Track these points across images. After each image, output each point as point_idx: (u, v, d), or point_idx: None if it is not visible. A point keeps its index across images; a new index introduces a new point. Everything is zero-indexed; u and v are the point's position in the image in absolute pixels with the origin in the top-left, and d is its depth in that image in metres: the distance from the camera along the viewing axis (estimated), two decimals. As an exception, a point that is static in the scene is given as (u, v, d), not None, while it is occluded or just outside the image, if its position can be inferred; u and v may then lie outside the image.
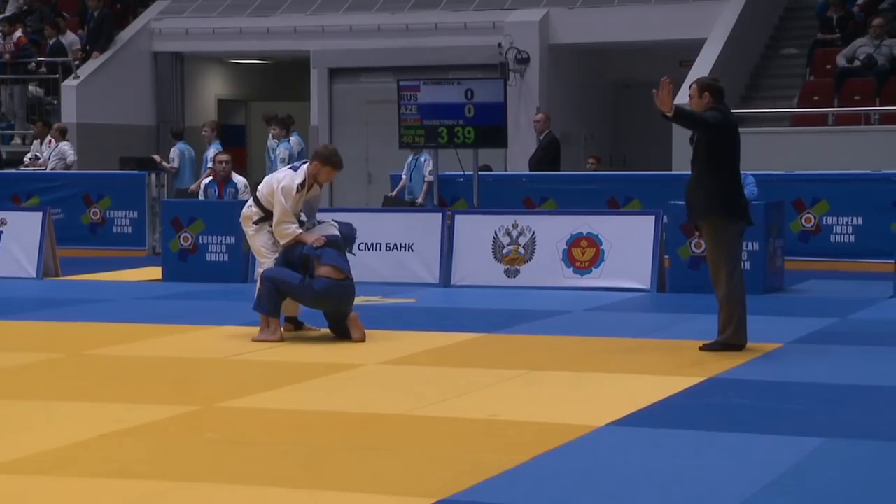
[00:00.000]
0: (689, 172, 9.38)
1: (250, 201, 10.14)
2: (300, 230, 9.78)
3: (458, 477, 5.91)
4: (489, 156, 17.51)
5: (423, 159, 16.31)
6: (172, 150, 18.51)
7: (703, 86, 9.48)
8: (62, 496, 5.73)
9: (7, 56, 21.75)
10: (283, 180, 9.78)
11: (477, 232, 13.44)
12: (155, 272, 14.50)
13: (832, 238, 14.81)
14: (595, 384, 8.22)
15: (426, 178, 16.17)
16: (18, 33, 22.02)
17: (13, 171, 19.13)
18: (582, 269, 13.09)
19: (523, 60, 20.21)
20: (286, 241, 9.80)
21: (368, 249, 13.66)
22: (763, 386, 8.11)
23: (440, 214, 13.81)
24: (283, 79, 24.29)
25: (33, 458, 6.31)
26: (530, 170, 17.16)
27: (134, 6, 23.81)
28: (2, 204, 16.81)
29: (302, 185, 9.76)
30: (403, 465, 6.24)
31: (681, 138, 18.09)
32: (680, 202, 12.90)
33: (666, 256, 13.00)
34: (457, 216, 13.74)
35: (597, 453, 6.43)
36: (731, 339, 9.25)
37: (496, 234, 13.38)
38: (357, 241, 13.66)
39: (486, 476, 5.91)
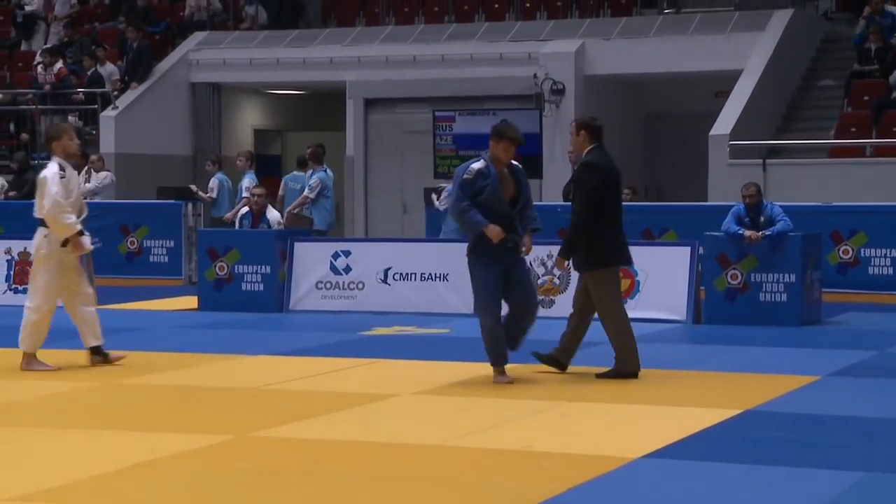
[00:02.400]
0: (722, 203, 9.52)
1: None
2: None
3: (491, 509, 5.88)
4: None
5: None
6: (212, 179, 18.61)
7: (580, 124, 9.77)
8: (96, 525, 5.73)
9: (48, 87, 21.96)
10: None
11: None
12: (191, 301, 14.55)
13: (870, 270, 14.69)
14: (630, 415, 8.17)
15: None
16: (59, 64, 22.24)
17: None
18: (617, 301, 13.00)
19: (559, 91, 20.22)
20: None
21: (403, 279, 13.67)
22: (801, 419, 8.04)
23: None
24: (318, 109, 24.40)
25: (67, 487, 6.32)
26: (564, 200, 17.13)
27: (172, 37, 24.01)
28: (40, 233, 16.90)
29: None
30: (437, 496, 6.21)
31: (717, 168, 18.07)
32: (717, 233, 12.92)
33: (702, 288, 12.93)
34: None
35: (632, 485, 6.38)
36: (626, 368, 9.48)
37: (531, 264, 13.34)
38: (392, 271, 13.78)
39: (521, 508, 5.87)
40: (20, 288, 14.67)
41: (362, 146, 21.77)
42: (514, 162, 9.32)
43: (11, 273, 14.76)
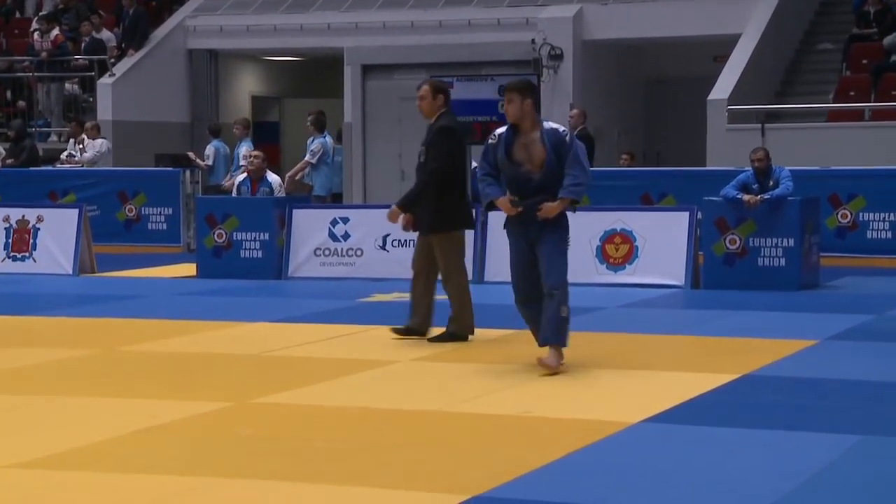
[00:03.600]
0: (720, 168, 9.49)
1: None
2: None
3: (491, 474, 5.91)
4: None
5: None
6: (208, 147, 18.57)
7: (437, 88, 9.76)
8: (96, 492, 5.76)
9: (44, 54, 21.89)
10: None
11: (510, 228, 13.39)
12: (189, 269, 14.56)
13: (868, 234, 14.70)
14: (629, 380, 8.20)
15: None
16: (56, 31, 22.16)
17: (49, 168, 19.25)
18: (616, 266, 13.05)
19: (557, 56, 20.16)
20: None
21: (402, 245, 13.67)
22: (799, 383, 8.07)
23: (474, 210, 13.76)
24: (316, 76, 24.34)
25: (68, 453, 6.35)
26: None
27: (169, 4, 23.91)
28: (39, 201, 16.93)
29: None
30: (436, 461, 6.24)
31: (715, 133, 18.05)
32: (716, 198, 12.92)
33: (700, 252, 12.95)
34: (490, 212, 13.68)
35: (631, 450, 6.41)
36: (459, 330, 9.55)
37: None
38: (391, 237, 13.78)
39: (520, 473, 5.90)
40: (18, 255, 14.68)
41: (360, 113, 21.71)
42: (555, 125, 8.51)
43: (10, 241, 14.76)
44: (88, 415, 7.24)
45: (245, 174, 14.83)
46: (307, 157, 16.77)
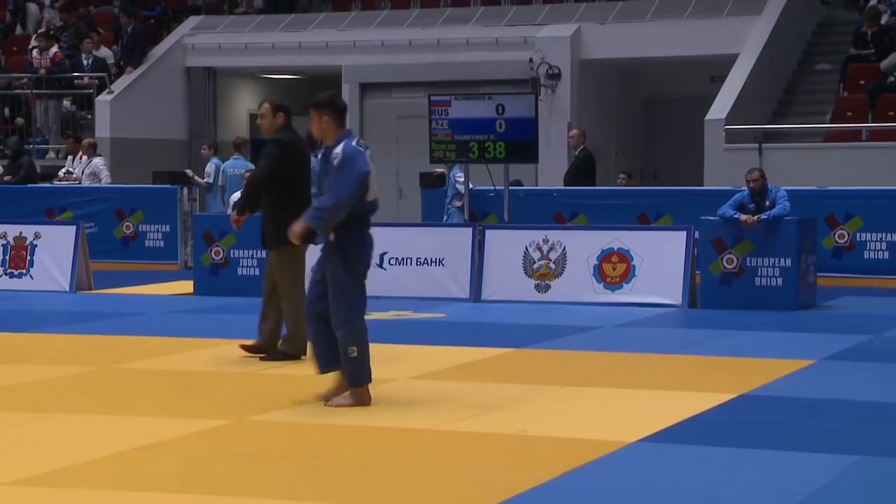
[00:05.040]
0: (717, 188, 9.45)
1: None
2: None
3: (488, 493, 5.90)
4: (520, 171, 17.49)
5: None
6: (208, 164, 18.59)
7: (277, 107, 9.74)
8: (93, 509, 5.75)
9: (43, 71, 21.92)
10: None
11: (507, 247, 13.43)
12: (186, 286, 14.55)
13: (865, 254, 14.71)
14: (626, 400, 8.19)
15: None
16: (55, 49, 22.19)
17: (47, 185, 19.26)
18: (613, 285, 13.05)
19: (554, 76, 20.21)
20: None
21: (399, 264, 13.67)
22: (795, 403, 8.06)
23: (471, 229, 13.81)
24: (314, 93, 23.98)
25: (64, 471, 6.33)
26: (565, 185, 17.14)
27: (167, 22, 23.96)
28: (36, 218, 16.93)
29: None
30: (433, 480, 6.23)
31: (713, 153, 18.08)
32: (713, 217, 12.93)
33: (697, 272, 12.95)
34: (487, 231, 13.73)
35: (628, 470, 6.40)
36: (291, 350, 9.46)
37: (527, 249, 13.37)
38: (388, 255, 13.78)
39: (516, 492, 5.89)
40: (15, 272, 14.67)
41: (358, 130, 21.72)
42: (343, 145, 7.88)
43: (7, 258, 14.75)
44: (84, 432, 7.23)
45: (240, 193, 14.79)
46: None
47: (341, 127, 7.98)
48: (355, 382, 7.85)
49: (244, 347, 9.74)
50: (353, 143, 7.91)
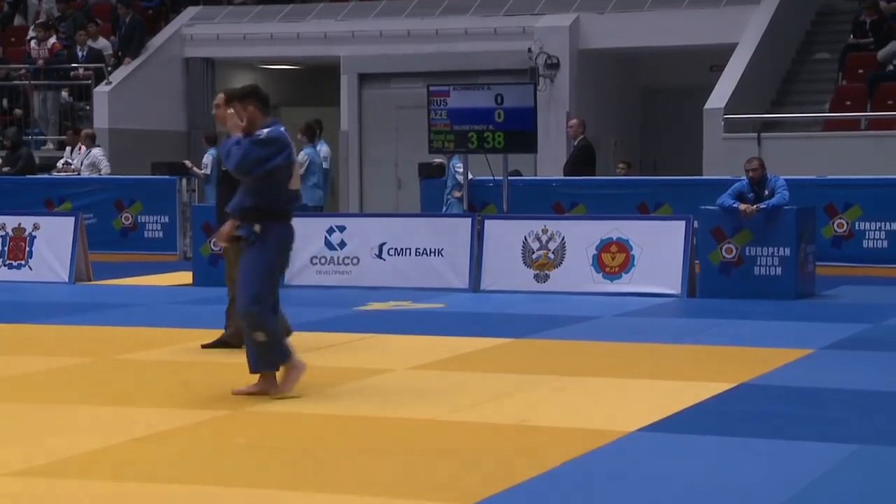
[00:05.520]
0: (717, 177, 9.42)
1: None
2: None
3: (487, 482, 5.90)
4: (519, 161, 17.49)
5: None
6: (206, 156, 18.57)
7: (231, 97, 9.35)
8: (92, 500, 5.75)
9: (41, 62, 21.89)
10: None
11: (506, 237, 13.43)
12: (185, 277, 14.54)
13: (864, 243, 14.71)
14: (625, 390, 8.19)
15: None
16: (53, 39, 22.16)
17: (46, 176, 19.25)
18: (612, 275, 13.05)
19: (553, 65, 20.18)
20: None
21: (398, 254, 13.67)
22: (795, 392, 8.06)
23: (470, 220, 13.81)
24: (313, 84, 24.34)
25: (63, 461, 6.33)
26: (564, 175, 17.13)
27: (165, 12, 23.92)
28: (35, 209, 16.91)
29: None
30: (434, 469, 6.23)
31: (712, 142, 18.07)
32: (712, 207, 12.93)
33: (696, 261, 12.95)
34: (486, 221, 13.72)
35: (627, 459, 6.40)
36: (232, 339, 9.41)
37: (526, 239, 13.36)
38: (387, 246, 13.79)
39: (516, 481, 5.89)
40: (14, 263, 14.66)
41: (356, 121, 21.73)
42: (273, 128, 7.81)
43: (6, 249, 14.75)
44: (84, 423, 7.23)
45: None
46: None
47: (266, 115, 7.87)
48: (261, 367, 7.75)
49: (206, 346, 9.62)
50: (282, 129, 7.82)
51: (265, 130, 7.74)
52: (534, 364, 9.13)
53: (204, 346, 9.65)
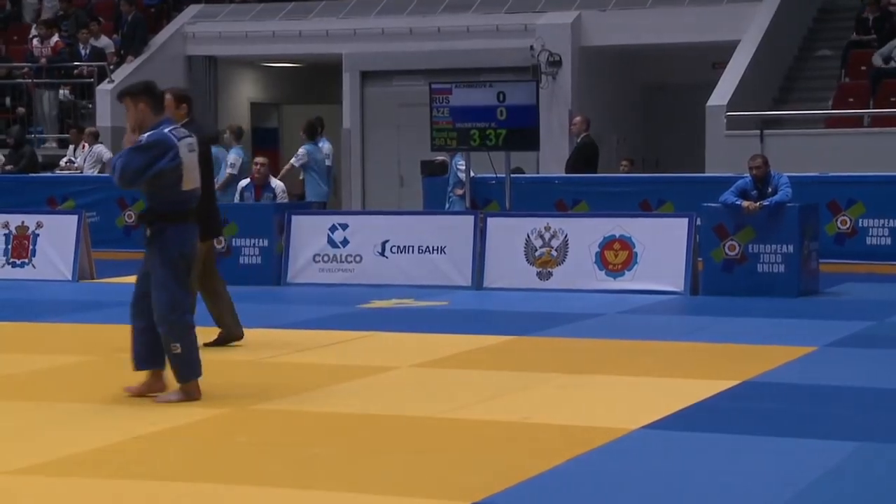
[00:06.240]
0: (719, 174, 9.43)
1: None
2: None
3: (492, 479, 5.90)
4: (521, 158, 17.47)
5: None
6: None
7: (180, 97, 9.32)
8: (94, 498, 5.75)
9: (44, 60, 21.89)
10: None
11: (509, 234, 13.42)
12: (188, 275, 14.52)
13: (868, 240, 14.70)
14: (628, 387, 8.18)
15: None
16: (55, 38, 22.16)
17: (49, 174, 19.24)
18: (615, 272, 13.05)
19: (555, 63, 20.17)
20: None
21: (401, 252, 13.67)
22: (798, 389, 8.06)
23: (472, 217, 13.81)
24: (315, 82, 24.34)
25: (66, 459, 6.33)
26: (566, 172, 17.12)
27: (167, 10, 23.91)
28: (38, 207, 16.91)
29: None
30: (437, 467, 6.23)
31: (714, 140, 18.05)
32: (715, 204, 12.92)
33: (699, 259, 12.95)
34: (489, 219, 13.72)
35: (631, 457, 6.40)
36: (231, 334, 9.72)
37: (528, 236, 13.36)
38: (390, 243, 13.79)
39: (520, 479, 5.89)
40: (17, 262, 14.67)
41: (359, 119, 21.72)
42: (157, 130, 7.67)
43: (9, 247, 14.75)
44: (86, 421, 7.23)
45: (248, 180, 14.85)
46: (293, 161, 17.14)
47: (159, 114, 7.73)
48: (183, 379, 7.62)
49: (208, 344, 9.56)
50: (166, 131, 7.64)
51: (145, 135, 7.55)
52: (536, 361, 9.13)
53: (206, 345, 9.64)
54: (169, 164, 7.58)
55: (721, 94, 18.30)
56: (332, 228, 13.98)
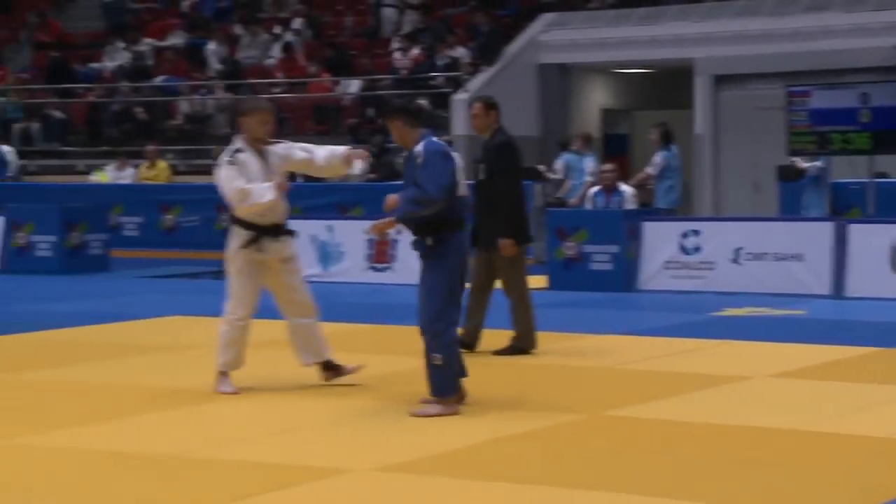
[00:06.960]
0: None
1: None
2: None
3: (856, 498, 5.62)
4: (885, 162, 16.68)
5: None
6: (557, 160, 18.74)
7: (489, 104, 9.87)
8: (450, 498, 5.87)
9: (404, 72, 22.71)
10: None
11: (872, 241, 12.83)
12: (540, 280, 14.68)
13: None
14: None
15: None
16: (416, 50, 22.97)
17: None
18: None
19: (923, 62, 19.13)
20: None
21: (756, 259, 13.33)
22: None
23: (831, 223, 13.29)
24: (665, 87, 24.12)
25: (425, 460, 6.49)
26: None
27: (521, 20, 24.31)
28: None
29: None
30: (796, 482, 6.00)
31: None
32: None
33: None
34: (850, 225, 13.16)
35: None
36: (523, 344, 9.56)
37: (895, 244, 12.71)
38: (744, 250, 13.45)
39: (886, 499, 5.58)
40: (379, 266, 15.25)
41: (711, 124, 21.36)
42: (426, 142, 7.62)
43: (372, 252, 15.36)
44: (444, 422, 7.37)
45: (598, 187, 14.91)
46: (648, 169, 16.84)
47: (416, 129, 7.62)
48: (438, 392, 7.41)
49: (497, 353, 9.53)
50: (434, 140, 7.60)
51: (420, 146, 7.48)
52: (864, 385, 8.64)
53: (495, 353, 9.52)
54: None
55: None
56: (684, 235, 13.79)
